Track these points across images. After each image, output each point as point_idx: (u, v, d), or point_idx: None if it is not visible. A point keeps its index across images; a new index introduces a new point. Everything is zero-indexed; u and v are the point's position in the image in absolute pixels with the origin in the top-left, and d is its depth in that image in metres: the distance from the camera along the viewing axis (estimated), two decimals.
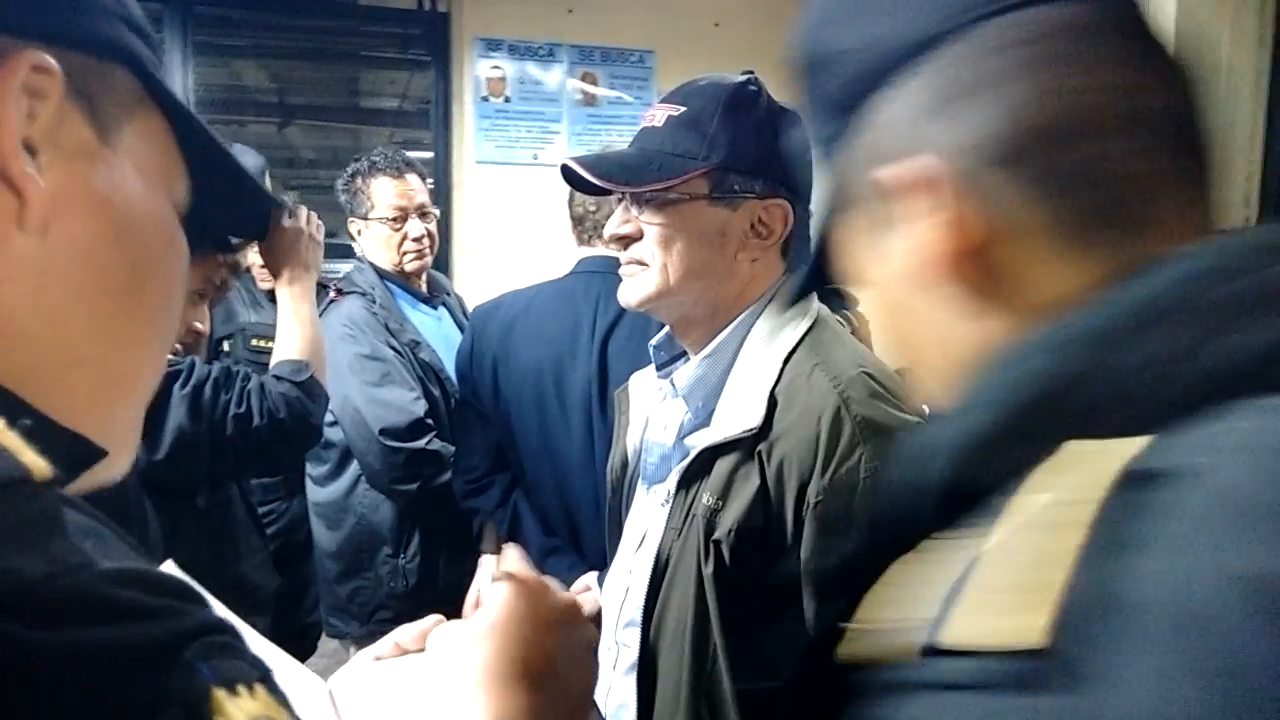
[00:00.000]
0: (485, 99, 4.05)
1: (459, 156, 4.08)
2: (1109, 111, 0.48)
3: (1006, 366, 0.47)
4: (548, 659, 0.71)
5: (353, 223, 2.41)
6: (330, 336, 1.99)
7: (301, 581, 2.49)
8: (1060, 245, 0.48)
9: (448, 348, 2.35)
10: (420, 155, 3.10)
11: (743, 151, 1.13)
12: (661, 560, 1.15)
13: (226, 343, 2.69)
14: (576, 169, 1.16)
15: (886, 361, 0.63)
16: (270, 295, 2.93)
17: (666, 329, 1.29)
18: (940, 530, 0.45)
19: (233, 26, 4.38)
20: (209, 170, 0.58)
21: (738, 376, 1.15)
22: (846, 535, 0.53)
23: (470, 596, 0.79)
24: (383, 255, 2.37)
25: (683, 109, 1.16)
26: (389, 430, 2.11)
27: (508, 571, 0.75)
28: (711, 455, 1.12)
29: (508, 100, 4.06)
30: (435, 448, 2.16)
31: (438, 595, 2.18)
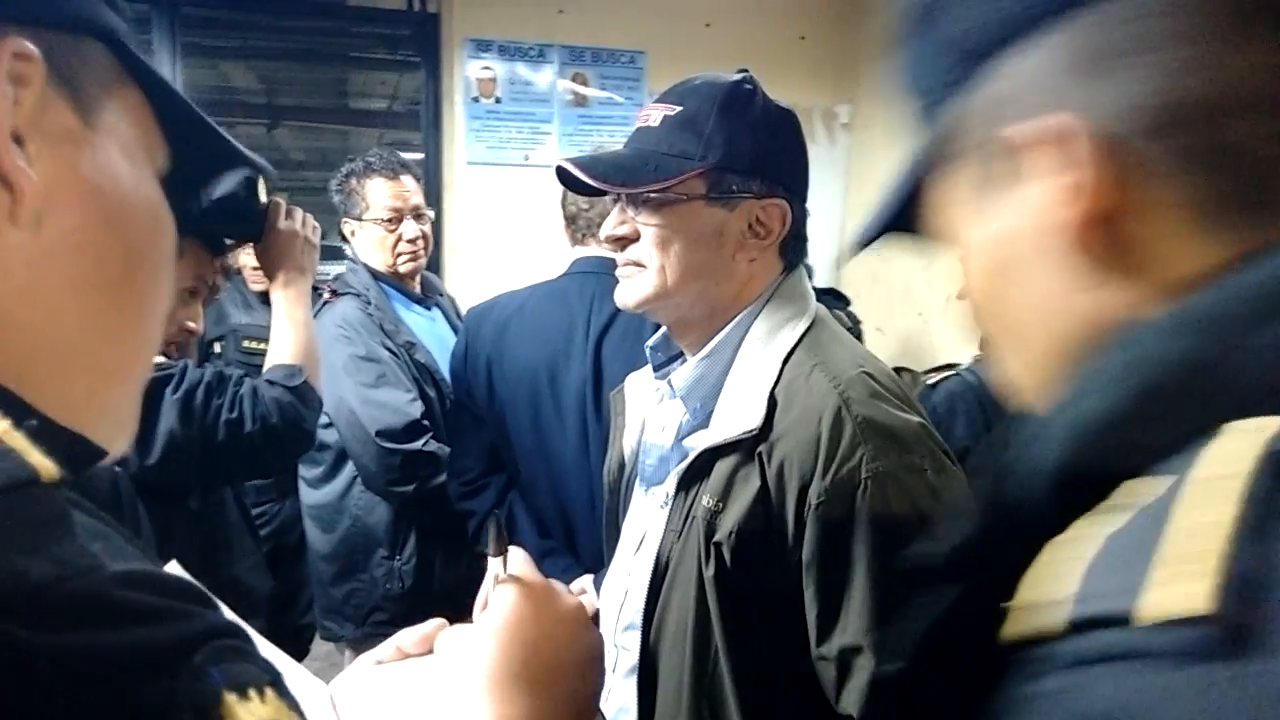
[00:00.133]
0: (476, 100, 4.04)
1: (449, 157, 4.07)
2: (1260, 92, 0.46)
3: (1132, 346, 0.46)
4: (554, 663, 0.71)
5: (346, 223, 2.40)
6: (325, 338, 1.98)
7: (294, 584, 2.48)
8: (1194, 222, 0.47)
9: (442, 349, 2.35)
10: (410, 156, 3.09)
11: (739, 151, 1.12)
12: (661, 563, 1.14)
13: (218, 344, 2.68)
14: (572, 170, 1.15)
15: (971, 329, 0.61)
16: (262, 297, 2.92)
17: (663, 330, 1.28)
18: (1059, 513, 0.44)
19: (221, 28, 4.36)
20: (189, 140, 0.57)
21: (736, 377, 1.15)
22: (961, 521, 0.52)
23: (479, 599, 0.78)
24: (377, 256, 2.36)
25: (678, 109, 1.15)
26: (385, 432, 2.10)
27: (514, 575, 0.75)
28: (711, 457, 1.11)
29: (498, 101, 4.05)
30: (432, 449, 2.15)
31: (434, 597, 2.18)
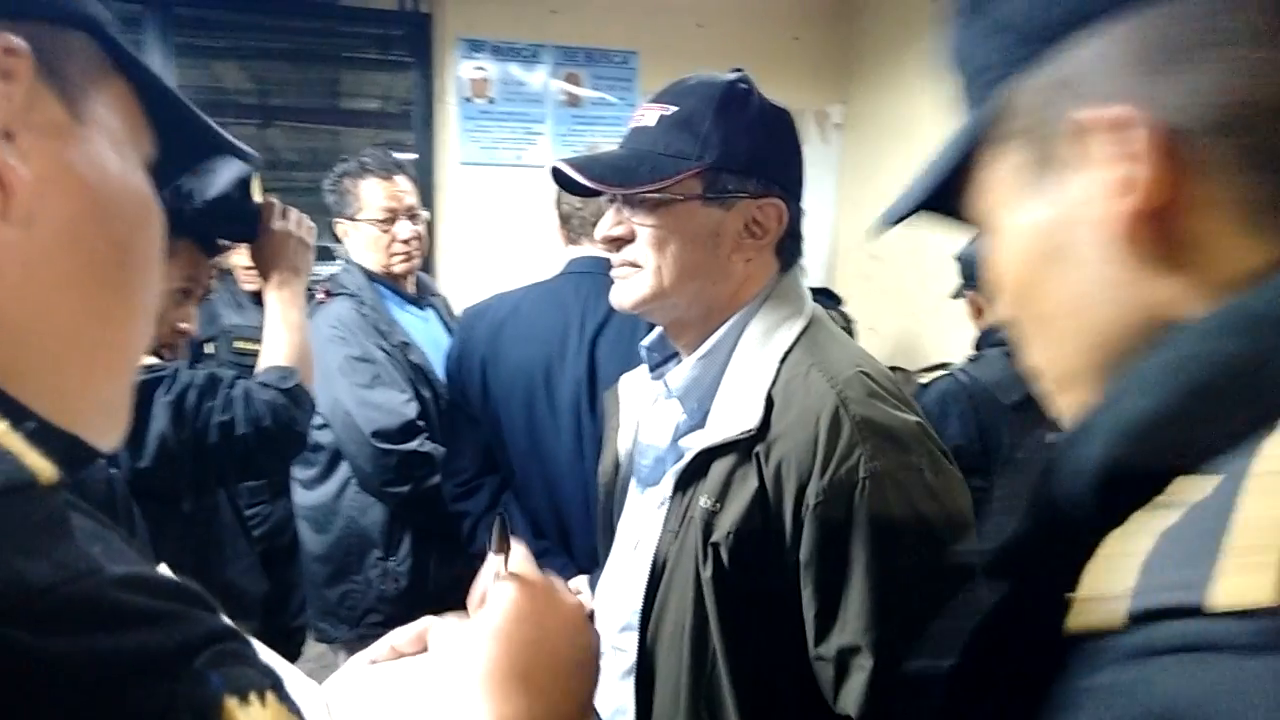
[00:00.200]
0: (468, 100, 4.03)
1: (442, 158, 4.07)
2: None
3: (1179, 344, 0.45)
4: (553, 662, 0.71)
5: (339, 223, 2.39)
6: (319, 338, 1.97)
7: (286, 585, 2.47)
8: (1246, 221, 0.46)
9: (436, 349, 2.34)
10: (403, 157, 3.09)
11: (736, 151, 1.12)
12: (658, 563, 1.14)
13: (209, 345, 2.67)
14: (568, 171, 1.15)
15: (999, 313, 0.61)
16: (254, 297, 2.91)
17: (659, 330, 1.28)
18: (1104, 511, 0.44)
19: (212, 28, 4.35)
20: (176, 129, 0.56)
21: (733, 377, 1.15)
22: (1009, 517, 0.51)
23: (474, 593, 0.77)
24: (371, 257, 2.35)
25: (674, 109, 1.14)
26: (381, 432, 2.10)
27: (514, 572, 0.75)
28: (708, 457, 1.11)
29: (491, 101, 4.05)
30: (427, 449, 2.15)
31: (429, 597, 2.17)
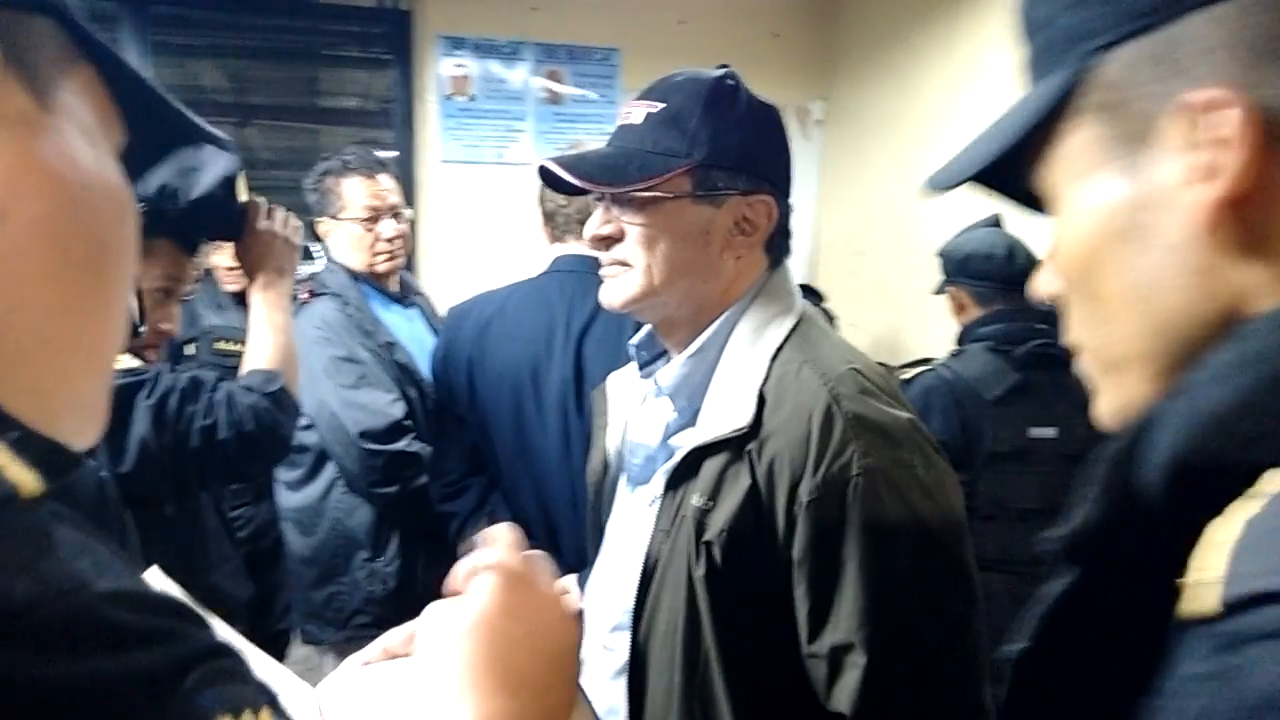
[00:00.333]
0: (449, 98, 4.02)
1: (423, 156, 4.05)
2: None
3: (1258, 335, 0.45)
4: (532, 655, 0.70)
5: (321, 222, 2.38)
6: (304, 339, 1.96)
7: (271, 588, 2.46)
8: None
9: (420, 348, 2.33)
10: (383, 155, 3.07)
11: (725, 148, 1.11)
12: (650, 562, 1.14)
13: (189, 346, 2.64)
14: (556, 170, 1.13)
15: (1046, 287, 0.60)
16: (235, 297, 2.89)
17: (648, 328, 1.27)
18: (1177, 501, 0.44)
19: (190, 25, 4.31)
20: (146, 116, 0.55)
21: (723, 375, 1.14)
22: (1080, 507, 0.51)
23: (456, 574, 0.75)
24: (354, 256, 2.34)
25: (662, 105, 1.14)
26: (368, 433, 2.09)
27: (492, 564, 0.73)
28: (699, 455, 1.10)
29: (472, 99, 4.04)
30: (414, 449, 2.14)
31: (417, 598, 2.14)
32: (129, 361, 1.54)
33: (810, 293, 3.59)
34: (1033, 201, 0.62)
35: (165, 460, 1.49)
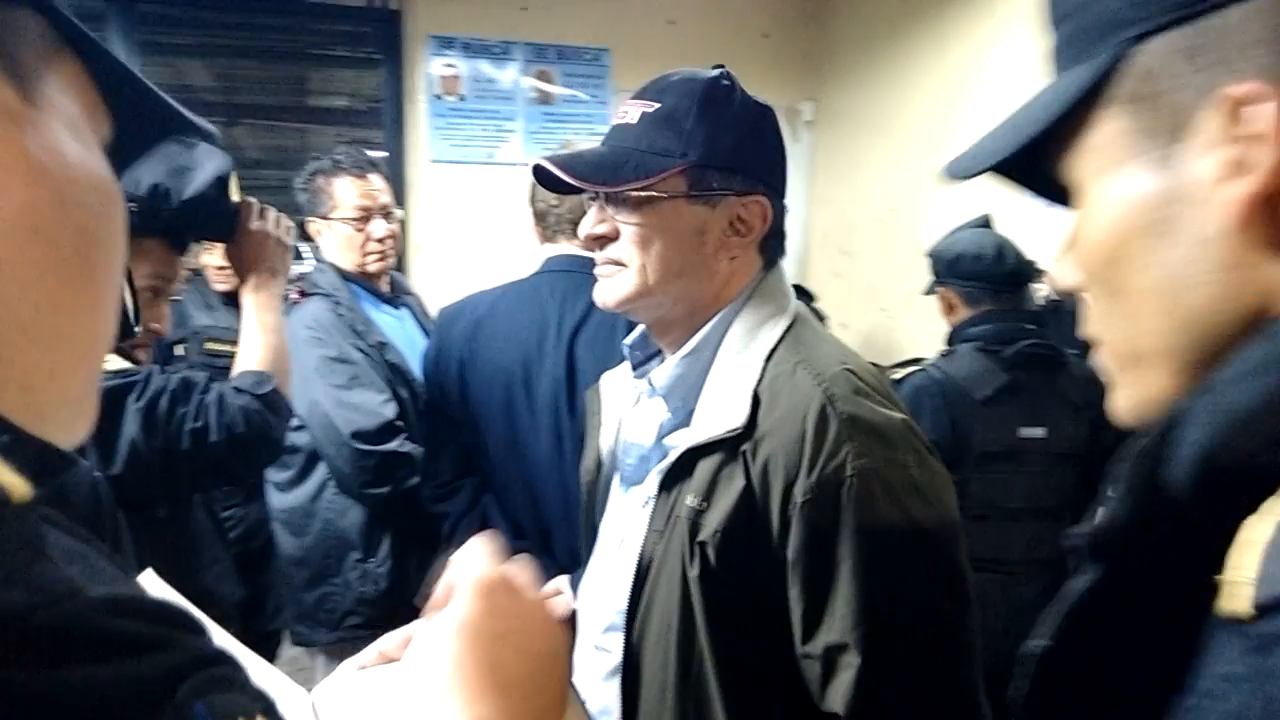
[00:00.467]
0: (439, 97, 4.01)
1: (413, 156, 4.05)
2: None
3: None
4: (520, 657, 0.69)
5: (311, 222, 2.37)
6: (295, 339, 1.95)
7: (262, 589, 2.45)
8: None
9: (412, 348, 2.33)
10: (373, 155, 3.06)
11: (720, 148, 1.11)
12: (644, 563, 1.13)
13: (179, 347, 2.63)
14: (551, 169, 1.13)
15: (1066, 278, 0.59)
16: (224, 297, 2.88)
17: (641, 328, 1.27)
18: (1204, 499, 0.44)
19: (178, 24, 4.30)
20: (132, 107, 0.54)
21: (718, 375, 1.14)
22: (1104, 504, 0.51)
23: (437, 590, 0.75)
24: (345, 256, 2.33)
25: (657, 105, 1.13)
26: (360, 433, 2.08)
27: (476, 571, 0.73)
28: (693, 455, 1.10)
29: (462, 99, 4.03)
30: (406, 450, 2.13)
31: (409, 599, 2.15)
32: (119, 362, 1.53)
33: (802, 293, 3.60)
34: (1050, 191, 0.60)
35: (156, 462, 1.48)
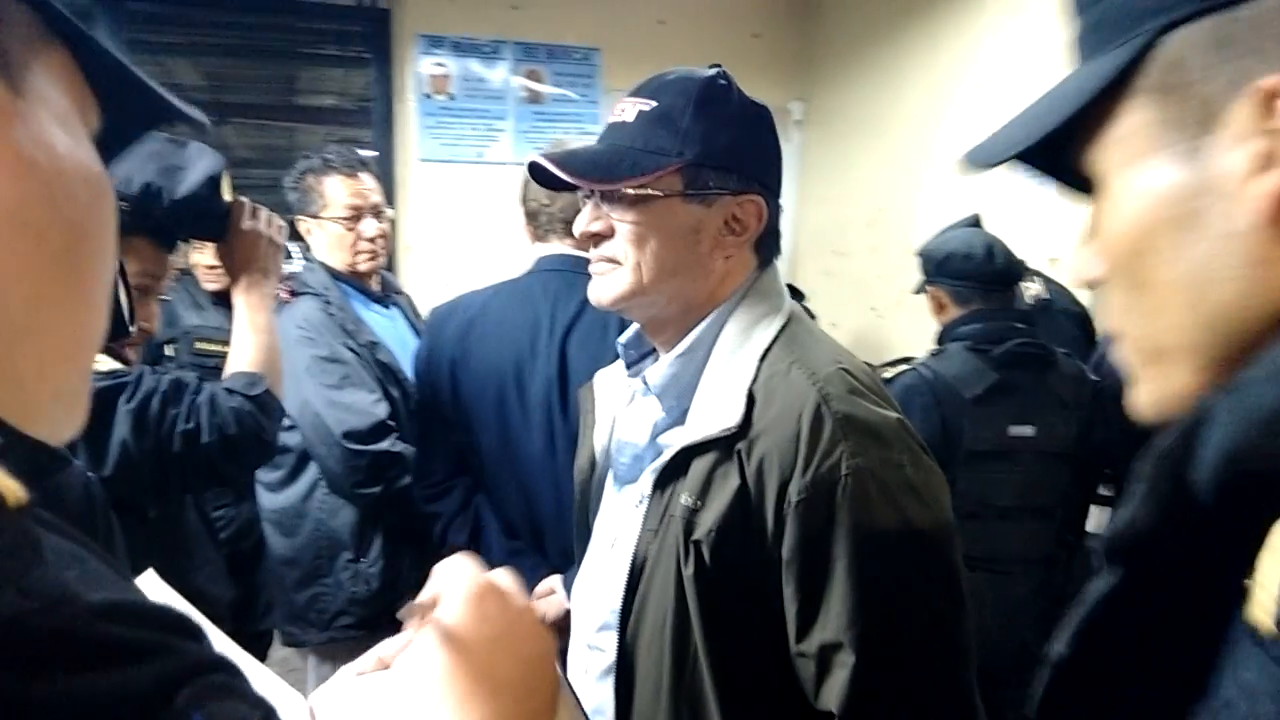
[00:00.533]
0: (428, 96, 4.00)
1: (403, 155, 4.04)
2: None
3: None
4: (508, 660, 0.69)
5: (301, 221, 2.36)
6: (286, 339, 1.94)
7: (252, 589, 2.44)
8: None
9: (402, 348, 2.32)
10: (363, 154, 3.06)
11: (716, 147, 1.11)
12: (638, 562, 1.13)
13: (169, 347, 2.62)
14: (547, 166, 1.13)
15: (1088, 270, 0.57)
16: (214, 297, 2.87)
17: (635, 327, 1.27)
18: (1226, 503, 0.43)
19: (166, 23, 4.28)
20: (122, 97, 0.53)
21: (712, 374, 1.14)
22: (1125, 508, 0.50)
23: (422, 596, 0.75)
24: (335, 255, 2.32)
25: (653, 103, 1.13)
26: (351, 433, 2.07)
27: (464, 577, 0.73)
28: (688, 455, 1.10)
29: (452, 98, 4.03)
30: (398, 449, 2.13)
31: (401, 599, 2.14)
32: (109, 363, 1.52)
33: (792, 292, 3.59)
34: (1072, 179, 0.59)
35: (147, 464, 1.47)
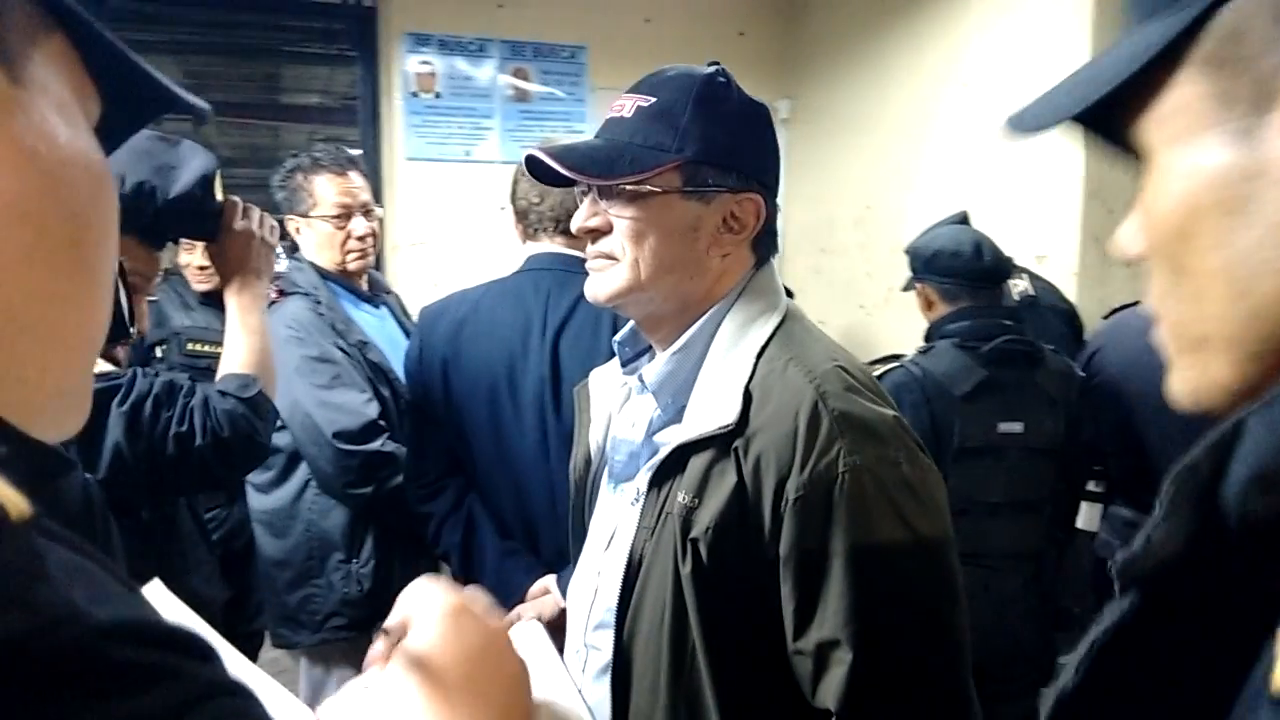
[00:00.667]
0: (415, 95, 3.99)
1: (389, 154, 4.03)
2: None
3: None
4: (489, 680, 0.69)
5: (290, 220, 2.35)
6: (275, 339, 1.92)
7: (243, 590, 2.43)
8: None
9: (392, 347, 2.32)
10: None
11: (715, 145, 1.11)
12: (634, 560, 1.13)
13: (159, 348, 2.60)
14: (545, 159, 1.12)
15: (1130, 247, 0.55)
16: (203, 297, 2.85)
17: (631, 324, 1.27)
18: (1258, 524, 0.40)
19: (148, 20, 4.25)
20: (122, 85, 0.52)
21: (709, 372, 1.14)
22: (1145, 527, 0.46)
23: (391, 618, 0.75)
24: (324, 254, 2.31)
25: (652, 100, 1.13)
26: (342, 433, 2.06)
27: (439, 597, 0.73)
28: (684, 452, 1.10)
29: (438, 96, 4.02)
30: (389, 449, 2.12)
31: (393, 600, 2.13)
32: (101, 364, 1.51)
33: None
34: (1123, 144, 0.56)
35: (140, 467, 1.46)
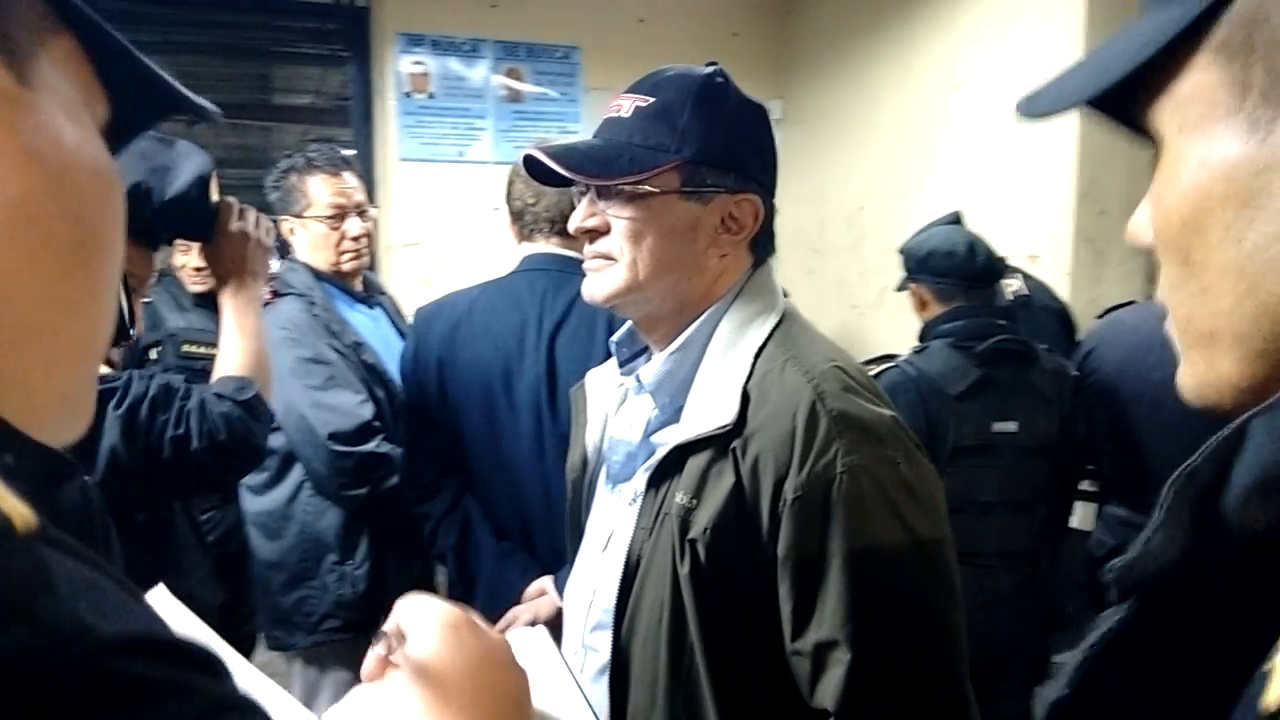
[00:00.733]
0: (408, 95, 3.99)
1: (382, 154, 4.02)
2: None
3: None
4: (491, 691, 0.69)
5: (284, 221, 2.34)
6: (270, 340, 1.92)
7: (237, 592, 2.42)
8: None
9: (386, 348, 2.31)
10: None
11: (714, 145, 1.11)
12: (632, 561, 1.13)
13: (154, 350, 2.59)
14: (543, 159, 1.12)
15: (1141, 236, 0.54)
16: (197, 299, 2.84)
17: (628, 325, 1.27)
18: (1264, 529, 0.40)
19: (139, 20, 4.23)
20: (129, 86, 0.52)
21: (707, 372, 1.14)
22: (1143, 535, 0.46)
23: (387, 625, 0.75)
24: (319, 255, 2.30)
25: (651, 100, 1.13)
26: (337, 435, 2.06)
27: (436, 610, 0.73)
28: (682, 453, 1.10)
29: (431, 96, 4.01)
30: (384, 450, 2.11)
31: (388, 602, 2.13)
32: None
33: None
34: (1137, 127, 0.54)
35: (136, 470, 1.45)
